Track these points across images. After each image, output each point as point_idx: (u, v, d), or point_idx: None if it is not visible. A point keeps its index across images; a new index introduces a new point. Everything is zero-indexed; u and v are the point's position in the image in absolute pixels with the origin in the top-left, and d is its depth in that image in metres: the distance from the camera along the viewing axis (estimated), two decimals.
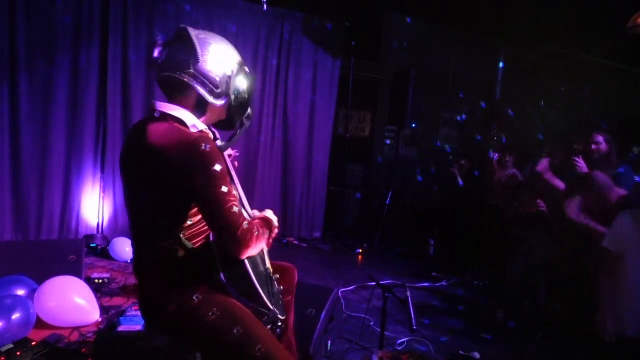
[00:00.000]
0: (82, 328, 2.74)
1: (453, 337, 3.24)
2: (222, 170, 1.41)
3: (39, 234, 4.49)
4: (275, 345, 1.49)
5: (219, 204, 1.38)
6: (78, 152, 4.60)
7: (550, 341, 3.16)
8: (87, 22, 4.48)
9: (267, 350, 1.43)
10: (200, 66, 1.49)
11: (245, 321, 1.46)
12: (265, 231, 1.57)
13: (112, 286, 3.50)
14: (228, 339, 1.43)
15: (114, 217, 4.83)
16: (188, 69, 1.48)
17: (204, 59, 1.49)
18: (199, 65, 1.49)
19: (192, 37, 1.50)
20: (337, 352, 2.82)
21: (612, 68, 6.47)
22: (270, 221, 1.68)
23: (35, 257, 3.21)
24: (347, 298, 3.75)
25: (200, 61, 1.49)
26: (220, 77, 1.53)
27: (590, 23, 5.64)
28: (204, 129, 1.55)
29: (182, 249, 1.47)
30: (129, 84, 4.72)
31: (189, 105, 1.52)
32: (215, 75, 1.52)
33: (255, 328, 1.47)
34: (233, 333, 1.42)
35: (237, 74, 1.58)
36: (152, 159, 1.43)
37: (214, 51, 1.52)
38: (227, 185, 1.41)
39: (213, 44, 1.54)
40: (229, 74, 1.55)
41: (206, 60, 1.50)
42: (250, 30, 5.35)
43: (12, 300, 2.52)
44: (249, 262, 1.48)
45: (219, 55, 1.53)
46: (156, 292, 1.51)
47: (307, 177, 5.89)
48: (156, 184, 1.44)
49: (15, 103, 4.28)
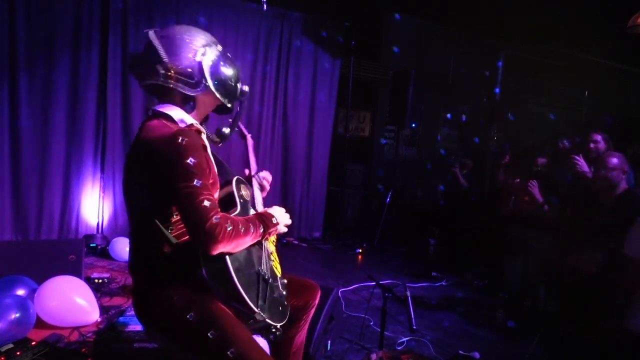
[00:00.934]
0: (82, 328, 2.74)
1: (453, 337, 3.24)
2: (197, 164, 1.40)
3: (39, 234, 4.49)
4: (251, 348, 1.44)
5: (188, 197, 1.37)
6: (78, 152, 4.61)
7: (550, 341, 3.16)
8: (87, 22, 4.48)
9: (240, 353, 1.39)
10: (168, 64, 1.50)
11: (222, 324, 1.43)
12: (252, 227, 1.50)
13: (112, 286, 3.50)
14: (201, 342, 1.41)
15: (114, 217, 4.83)
16: (159, 71, 1.50)
17: (167, 56, 1.50)
18: (166, 64, 1.50)
19: (152, 39, 1.51)
20: (337, 352, 2.82)
21: (612, 68, 6.46)
22: (268, 217, 1.61)
23: (35, 257, 3.21)
24: (347, 298, 3.75)
25: (165, 59, 1.50)
26: (191, 67, 1.52)
27: (590, 23, 5.63)
28: (194, 124, 1.55)
29: (168, 245, 1.47)
30: (129, 84, 4.71)
31: (177, 103, 1.56)
32: (184, 66, 1.51)
33: (232, 331, 1.43)
34: (207, 337, 1.40)
35: (207, 56, 1.54)
36: (139, 153, 1.49)
37: (176, 44, 1.52)
38: (202, 180, 1.39)
39: (175, 36, 1.53)
40: (199, 59, 1.53)
41: (170, 55, 1.50)
42: (250, 30, 5.35)
43: (12, 300, 2.52)
44: (231, 259, 1.43)
45: (181, 46, 1.52)
46: (141, 287, 1.54)
47: (307, 177, 5.89)
48: (143, 177, 1.48)
49: (15, 103, 4.28)
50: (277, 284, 1.69)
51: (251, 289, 1.49)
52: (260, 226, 1.55)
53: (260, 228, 1.55)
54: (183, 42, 1.53)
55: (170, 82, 1.51)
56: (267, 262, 1.67)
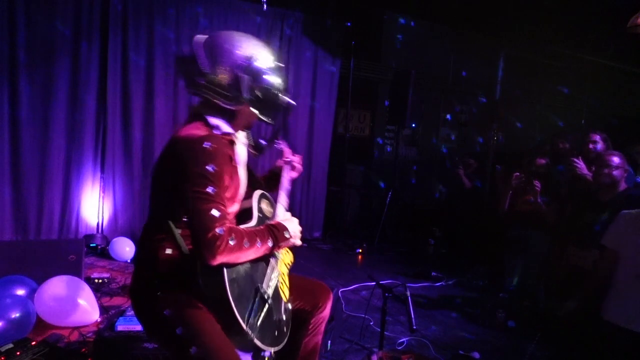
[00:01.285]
0: (82, 328, 2.74)
1: (453, 337, 3.24)
2: (216, 173, 1.38)
3: (39, 234, 4.49)
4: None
5: (198, 203, 1.36)
6: (78, 152, 4.60)
7: (550, 341, 3.16)
8: (87, 22, 4.48)
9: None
10: (207, 75, 1.48)
11: (207, 340, 1.39)
12: (260, 241, 1.45)
13: (112, 286, 3.50)
14: (184, 355, 1.41)
15: (114, 217, 4.83)
16: (198, 82, 1.49)
17: (207, 67, 1.47)
18: (205, 75, 1.48)
19: (196, 48, 1.49)
20: (337, 352, 2.82)
21: (612, 68, 6.47)
22: (280, 230, 1.54)
23: (35, 257, 3.21)
24: (347, 298, 3.75)
25: (204, 71, 1.47)
26: (229, 80, 1.48)
27: (590, 23, 5.64)
28: (230, 133, 1.53)
29: (172, 247, 1.47)
30: (129, 84, 4.72)
31: (217, 110, 1.53)
32: (222, 79, 1.48)
33: (215, 347, 1.39)
34: (189, 352, 1.38)
35: (247, 70, 1.49)
36: (168, 148, 1.50)
37: (217, 54, 1.48)
38: (217, 189, 1.37)
39: (218, 46, 1.49)
40: (238, 72, 1.48)
41: (210, 67, 1.47)
42: (250, 30, 5.33)
43: (12, 300, 2.52)
44: (229, 272, 1.39)
45: (222, 57, 1.48)
46: (137, 284, 1.55)
47: (307, 177, 5.89)
48: (165, 173, 1.50)
49: (15, 103, 4.28)
50: (278, 307, 1.60)
51: (243, 303, 1.43)
52: (269, 239, 1.49)
53: (269, 241, 1.49)
54: (224, 53, 1.48)
55: (209, 94, 1.49)
56: (273, 282, 1.60)
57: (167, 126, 4.92)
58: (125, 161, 4.83)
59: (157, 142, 4.86)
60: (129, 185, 4.84)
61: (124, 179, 4.83)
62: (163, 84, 4.87)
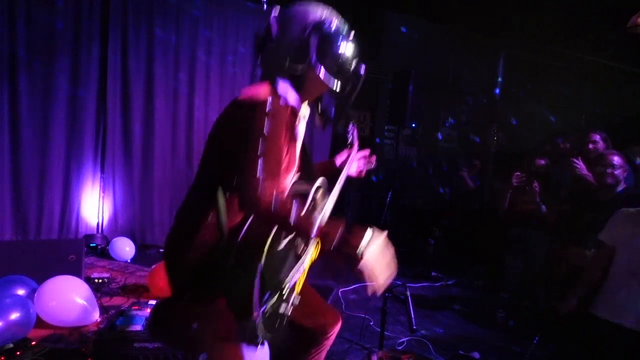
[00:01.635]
0: (82, 328, 2.74)
1: (453, 337, 3.24)
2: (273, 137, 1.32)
3: (39, 234, 4.49)
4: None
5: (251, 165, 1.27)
6: (78, 152, 4.61)
7: (550, 341, 3.16)
8: (87, 22, 4.48)
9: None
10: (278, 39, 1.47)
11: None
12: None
13: (112, 286, 3.50)
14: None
15: (114, 217, 4.83)
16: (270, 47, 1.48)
17: (279, 32, 1.47)
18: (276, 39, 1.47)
19: (271, 17, 1.49)
20: (337, 352, 2.81)
21: (612, 68, 6.46)
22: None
23: (35, 257, 3.21)
24: (347, 298, 3.75)
25: (275, 35, 1.47)
26: (298, 43, 1.45)
27: (590, 23, 5.64)
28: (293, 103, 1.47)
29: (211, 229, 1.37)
30: (129, 84, 4.72)
31: (286, 78, 1.47)
32: (291, 42, 1.45)
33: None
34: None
35: (316, 33, 1.45)
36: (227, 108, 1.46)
37: (288, 19, 1.48)
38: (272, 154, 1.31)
39: (289, 13, 1.49)
40: (308, 35, 1.44)
41: (281, 32, 1.47)
42: (251, 30, 5.34)
43: (12, 300, 2.52)
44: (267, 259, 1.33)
45: (291, 22, 1.47)
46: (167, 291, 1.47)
47: None
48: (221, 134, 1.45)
49: (15, 103, 4.28)
50: (290, 299, 1.54)
51: (264, 293, 1.39)
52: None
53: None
54: (296, 14, 1.48)
55: (278, 58, 1.46)
56: (295, 275, 1.54)
57: (167, 126, 4.92)
58: (125, 161, 4.83)
59: (157, 142, 4.87)
60: (129, 185, 4.84)
61: (124, 179, 4.83)
62: (163, 84, 4.87)
